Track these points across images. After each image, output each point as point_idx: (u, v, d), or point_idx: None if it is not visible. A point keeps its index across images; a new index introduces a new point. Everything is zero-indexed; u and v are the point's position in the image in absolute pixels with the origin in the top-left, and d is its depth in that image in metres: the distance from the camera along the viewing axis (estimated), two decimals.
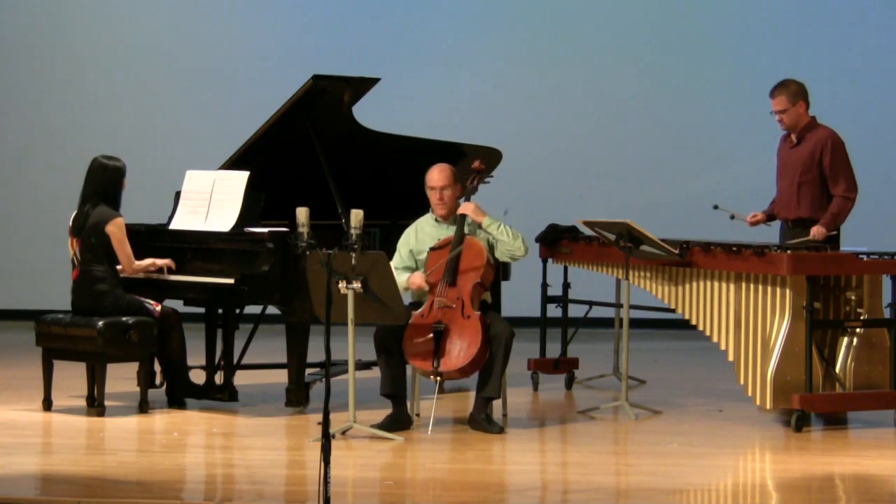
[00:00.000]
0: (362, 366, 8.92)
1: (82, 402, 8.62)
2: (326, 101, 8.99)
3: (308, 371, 8.82)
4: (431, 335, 8.02)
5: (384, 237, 8.96)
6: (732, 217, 8.91)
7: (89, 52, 13.61)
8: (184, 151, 11.99)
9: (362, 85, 9.16)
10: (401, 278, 8.20)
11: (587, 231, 9.15)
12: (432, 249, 8.26)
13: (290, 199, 8.20)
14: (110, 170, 8.65)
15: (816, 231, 8.58)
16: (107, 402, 8.50)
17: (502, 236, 8.23)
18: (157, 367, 8.88)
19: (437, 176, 8.34)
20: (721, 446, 7.80)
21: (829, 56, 12.90)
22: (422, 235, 8.39)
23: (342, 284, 7.64)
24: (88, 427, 8.23)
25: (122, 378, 8.92)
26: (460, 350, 7.99)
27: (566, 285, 9.72)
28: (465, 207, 8.30)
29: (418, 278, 8.21)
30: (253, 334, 9.30)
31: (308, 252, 7.58)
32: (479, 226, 8.24)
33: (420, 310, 8.14)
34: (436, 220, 8.41)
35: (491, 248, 8.29)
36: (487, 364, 8.02)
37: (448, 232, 8.32)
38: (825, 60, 12.78)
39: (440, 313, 8.08)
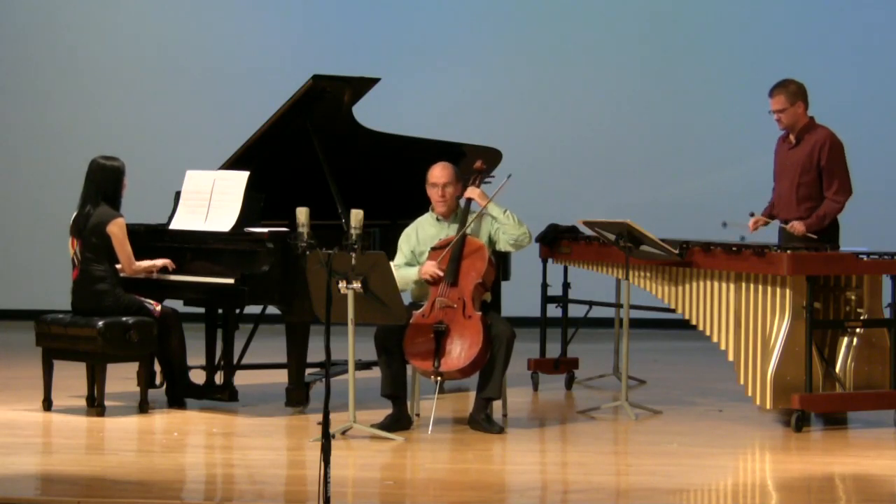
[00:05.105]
0: (362, 366, 8.91)
1: (82, 402, 8.62)
2: (326, 101, 8.99)
3: (308, 371, 8.82)
4: (432, 335, 8.02)
5: (384, 237, 8.96)
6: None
7: (89, 52, 13.61)
8: (184, 151, 11.98)
9: (362, 85, 9.16)
10: (410, 272, 8.21)
11: (587, 231, 9.15)
12: (433, 249, 8.26)
13: (290, 199, 8.20)
14: (109, 170, 8.65)
15: (795, 225, 8.58)
16: (107, 402, 8.50)
17: (508, 220, 8.24)
18: (157, 367, 8.88)
19: (438, 173, 8.35)
20: (721, 446, 7.81)
21: (829, 56, 12.90)
22: (422, 235, 8.40)
23: (342, 284, 7.64)
24: (88, 427, 8.23)
25: (122, 378, 8.92)
26: (461, 350, 7.99)
27: (566, 285, 9.72)
28: (471, 192, 8.34)
29: (431, 267, 8.18)
30: (253, 334, 9.31)
31: (308, 252, 7.57)
32: (485, 209, 8.26)
33: (421, 309, 8.15)
34: (437, 218, 8.41)
35: (492, 245, 8.30)
36: (488, 364, 8.01)
37: (449, 231, 8.32)
38: (825, 60, 12.78)
39: (441, 313, 8.07)
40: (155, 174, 10.77)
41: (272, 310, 8.90)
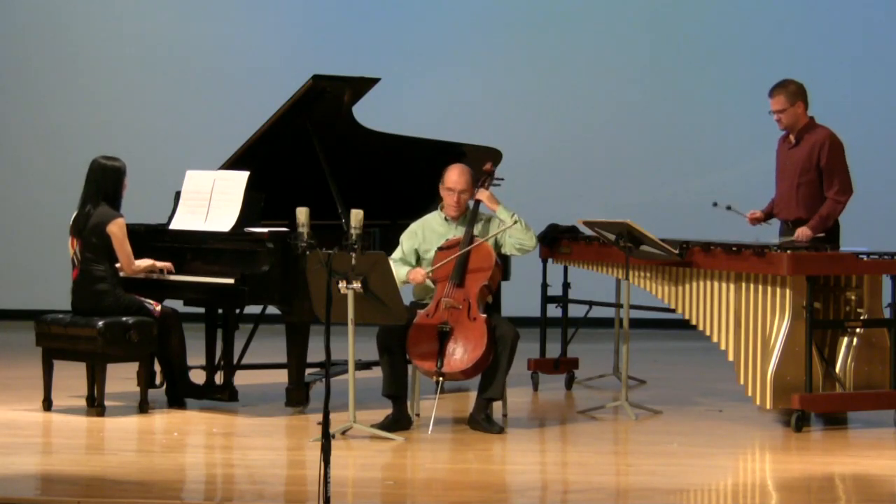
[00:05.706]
0: (362, 366, 8.92)
1: (82, 402, 8.62)
2: (326, 101, 8.99)
3: (308, 371, 8.82)
4: (436, 336, 8.01)
5: (384, 237, 8.96)
6: (729, 208, 8.89)
7: (89, 52, 13.61)
8: (184, 151, 11.98)
9: (362, 85, 9.16)
10: (400, 271, 8.20)
11: (587, 231, 9.15)
12: (440, 249, 8.25)
13: (290, 199, 8.20)
14: (110, 170, 8.66)
15: (801, 233, 8.60)
16: (107, 402, 8.50)
17: (516, 225, 8.24)
18: (157, 367, 8.88)
19: (456, 178, 8.32)
20: (721, 446, 7.81)
21: (829, 56, 12.90)
22: (429, 234, 8.38)
23: (342, 284, 7.64)
24: (88, 427, 8.23)
25: (122, 378, 8.92)
26: (465, 352, 7.98)
27: (566, 285, 9.71)
28: (481, 194, 8.33)
29: (420, 275, 8.19)
30: (253, 334, 9.31)
31: (308, 252, 7.58)
32: (494, 212, 8.27)
33: (425, 309, 8.14)
34: (445, 219, 8.40)
35: (497, 248, 8.29)
36: (491, 365, 8.01)
37: (457, 232, 8.31)
38: (825, 60, 12.78)
39: (446, 314, 8.07)
40: (155, 174, 10.77)
41: (272, 310, 8.90)
